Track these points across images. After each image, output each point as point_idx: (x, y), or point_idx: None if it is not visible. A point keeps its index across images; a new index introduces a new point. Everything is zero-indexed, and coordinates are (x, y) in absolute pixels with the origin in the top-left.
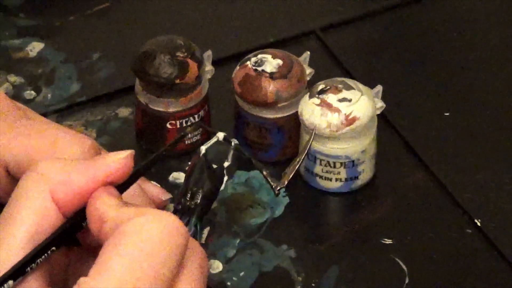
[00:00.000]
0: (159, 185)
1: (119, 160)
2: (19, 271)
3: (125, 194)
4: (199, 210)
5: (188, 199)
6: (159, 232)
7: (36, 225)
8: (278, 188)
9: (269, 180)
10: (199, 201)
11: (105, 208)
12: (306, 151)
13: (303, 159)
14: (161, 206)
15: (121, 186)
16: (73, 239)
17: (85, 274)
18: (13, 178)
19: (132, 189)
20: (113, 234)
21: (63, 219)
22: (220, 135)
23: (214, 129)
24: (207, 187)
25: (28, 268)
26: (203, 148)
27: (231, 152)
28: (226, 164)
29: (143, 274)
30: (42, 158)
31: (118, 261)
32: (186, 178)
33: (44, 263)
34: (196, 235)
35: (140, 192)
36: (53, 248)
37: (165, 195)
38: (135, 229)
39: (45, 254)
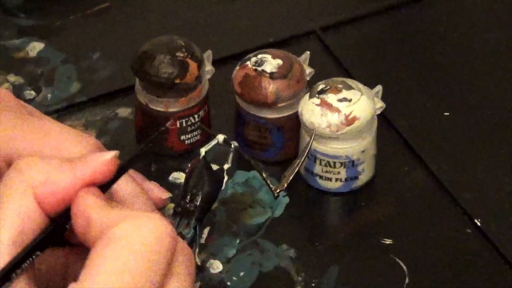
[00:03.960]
0: (158, 184)
1: (104, 161)
2: (4, 278)
3: (126, 194)
4: (198, 213)
5: (187, 201)
6: (147, 237)
7: (20, 227)
8: (278, 190)
9: (269, 182)
10: (198, 203)
11: (91, 211)
12: (306, 154)
13: (302, 162)
14: (161, 205)
15: (103, 186)
16: (59, 240)
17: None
18: None
19: (132, 189)
20: (101, 239)
21: (47, 220)
22: (220, 138)
23: (213, 132)
24: (206, 190)
25: (13, 274)
26: (202, 151)
27: (231, 155)
28: (226, 166)
29: (132, 280)
30: (45, 155)
31: (107, 267)
32: (186, 180)
33: (29, 267)
34: (195, 237)
35: (140, 191)
36: (38, 252)
37: (164, 194)
38: (122, 234)
39: (30, 259)
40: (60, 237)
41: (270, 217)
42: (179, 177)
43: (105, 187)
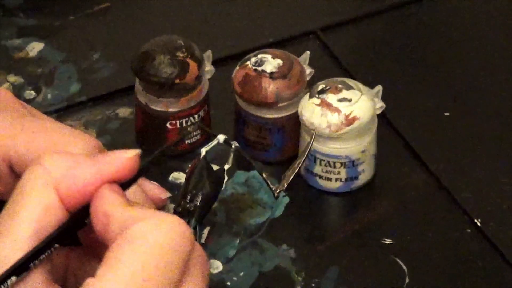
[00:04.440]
0: (158, 184)
1: (126, 159)
2: (22, 267)
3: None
4: (198, 213)
5: (187, 201)
6: (166, 236)
7: (40, 220)
8: (278, 191)
9: (269, 183)
10: (198, 203)
11: (111, 207)
12: (306, 154)
13: (303, 162)
14: (161, 205)
15: (124, 185)
16: (75, 237)
17: (85, 275)
18: (16, 175)
19: (132, 188)
20: (120, 236)
21: (67, 214)
22: (221, 138)
23: (214, 132)
24: (206, 190)
25: (31, 264)
26: (203, 151)
27: (232, 155)
28: (226, 166)
29: (150, 278)
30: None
31: (125, 264)
32: (186, 180)
33: (47, 259)
34: (195, 237)
35: (139, 191)
36: (56, 244)
37: (164, 194)
38: (142, 232)
39: (48, 251)
40: (77, 232)
41: (270, 217)
42: (179, 177)
43: (126, 185)
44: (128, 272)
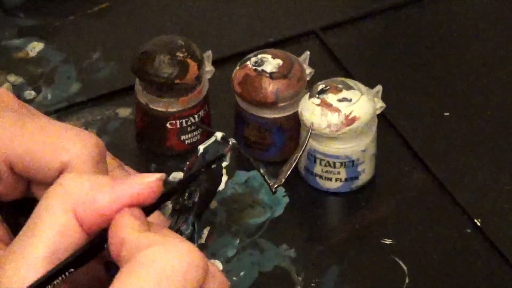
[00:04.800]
0: None
1: (147, 183)
2: None
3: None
4: (196, 209)
5: (185, 198)
6: (176, 264)
7: (57, 242)
8: (275, 186)
9: (266, 178)
10: (196, 199)
11: (125, 231)
12: (303, 149)
13: (299, 157)
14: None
15: (147, 208)
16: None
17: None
18: (17, 175)
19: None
20: (130, 261)
21: (85, 238)
22: (218, 135)
23: (212, 129)
24: (204, 186)
25: None
26: (201, 148)
27: (230, 152)
28: (224, 164)
29: None
30: (45, 158)
31: None
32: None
33: (62, 283)
34: (194, 234)
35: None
36: (72, 269)
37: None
38: (151, 258)
39: (63, 275)
40: (94, 257)
41: (270, 217)
42: (179, 177)
43: (149, 209)
44: None
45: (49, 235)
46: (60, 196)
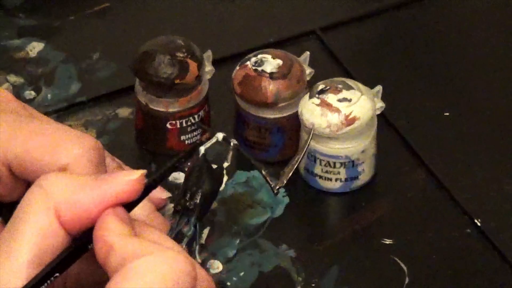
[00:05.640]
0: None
1: (129, 182)
2: None
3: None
4: (198, 211)
5: (187, 199)
6: (165, 276)
7: (39, 246)
8: (277, 187)
9: (268, 179)
10: (198, 201)
11: (113, 238)
12: (304, 150)
13: (301, 158)
14: (160, 205)
15: (129, 205)
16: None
17: (98, 281)
18: (16, 177)
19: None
20: (120, 272)
21: (68, 239)
22: (219, 136)
23: (213, 130)
24: (206, 188)
25: None
26: (202, 149)
27: (231, 153)
28: (225, 164)
29: None
30: (43, 160)
31: None
32: (186, 179)
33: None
34: (195, 235)
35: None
36: (57, 274)
37: (164, 194)
38: (141, 270)
39: (48, 281)
40: (79, 258)
41: (270, 217)
42: (179, 177)
43: (131, 205)
44: None
45: (32, 238)
46: (41, 197)
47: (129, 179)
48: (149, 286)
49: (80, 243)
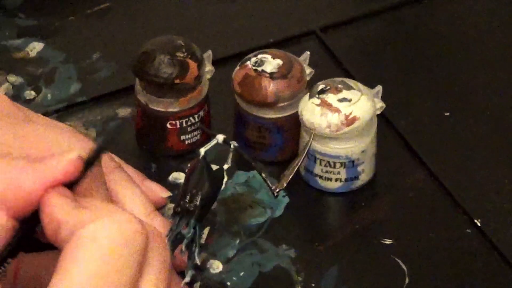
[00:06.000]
0: (158, 184)
1: (68, 161)
2: None
3: (123, 196)
4: (198, 213)
5: (187, 201)
6: (116, 238)
7: None
8: (277, 190)
9: (268, 182)
10: (198, 203)
11: (59, 213)
12: (305, 153)
13: (302, 161)
14: (161, 204)
15: (71, 183)
16: (30, 243)
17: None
18: None
19: (131, 190)
20: (70, 241)
21: (15, 224)
22: (220, 138)
23: (213, 132)
24: (206, 190)
25: None
26: (202, 151)
27: (231, 155)
28: (225, 166)
29: (104, 281)
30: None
31: (77, 270)
32: (186, 180)
33: (2, 275)
34: (195, 237)
35: (139, 192)
36: (10, 259)
37: (164, 193)
38: (91, 235)
39: (1, 267)
40: (30, 240)
41: (270, 217)
42: (179, 177)
43: (73, 182)
44: (81, 278)
45: None
46: None
47: (68, 159)
48: (100, 249)
49: (28, 226)
